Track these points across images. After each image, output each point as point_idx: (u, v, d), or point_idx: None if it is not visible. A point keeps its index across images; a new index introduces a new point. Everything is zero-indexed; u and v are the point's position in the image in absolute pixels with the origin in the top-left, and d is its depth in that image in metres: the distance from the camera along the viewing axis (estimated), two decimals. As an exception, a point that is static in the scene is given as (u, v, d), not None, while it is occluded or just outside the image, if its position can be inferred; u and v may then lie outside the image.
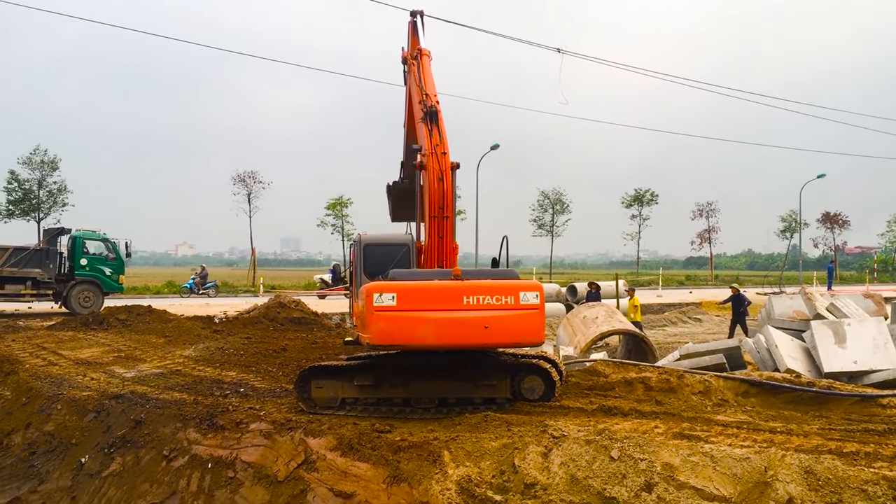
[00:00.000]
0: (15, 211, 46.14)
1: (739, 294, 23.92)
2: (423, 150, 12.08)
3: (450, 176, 11.99)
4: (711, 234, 76.65)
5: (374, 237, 12.05)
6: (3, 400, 12.84)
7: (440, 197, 11.73)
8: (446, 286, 9.54)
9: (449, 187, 12.01)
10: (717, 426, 8.84)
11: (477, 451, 8.08)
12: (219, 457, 9.36)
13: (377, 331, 9.28)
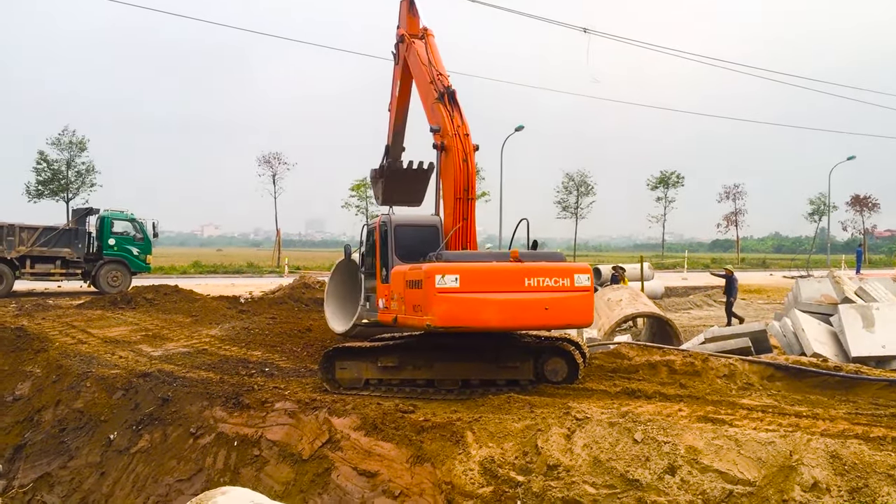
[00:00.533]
0: (44, 191, 46.74)
1: (732, 276, 23.62)
2: (441, 132, 12.04)
3: (473, 158, 12.01)
4: (738, 216, 75.96)
5: (404, 218, 11.84)
6: (34, 377, 13.07)
7: (465, 179, 11.74)
8: (509, 268, 9.65)
9: (473, 169, 12.02)
10: (741, 410, 8.78)
11: (500, 432, 8.11)
12: (244, 435, 9.48)
13: (441, 312, 9.32)
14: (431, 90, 12.73)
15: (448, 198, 11.85)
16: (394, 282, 10.75)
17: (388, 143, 15.77)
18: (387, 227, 11.61)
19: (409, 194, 16.36)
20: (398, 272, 10.73)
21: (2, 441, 11.95)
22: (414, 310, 9.83)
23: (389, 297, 10.94)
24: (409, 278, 10.12)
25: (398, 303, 10.55)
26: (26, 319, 17.58)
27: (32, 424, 11.91)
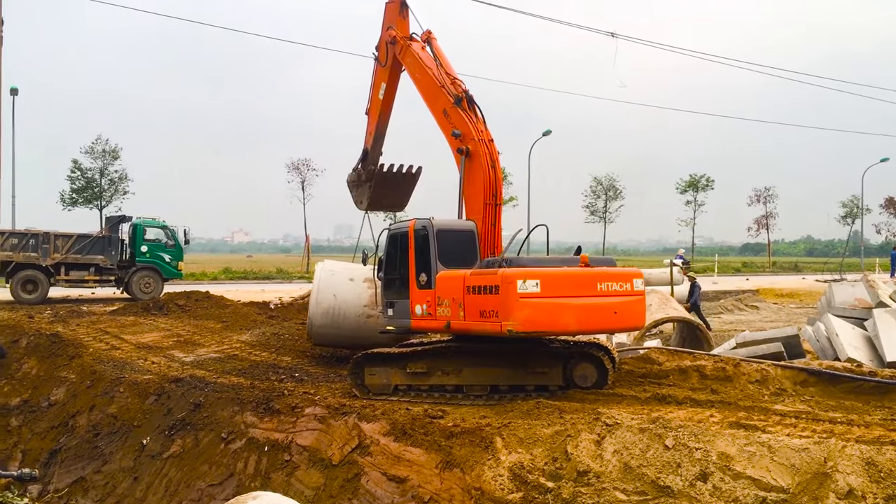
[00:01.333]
0: (78, 199, 47.36)
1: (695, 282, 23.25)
2: (464, 136, 12.01)
3: (499, 163, 12.04)
4: (769, 220, 74.89)
5: (444, 223, 11.41)
6: (69, 383, 13.26)
7: (493, 184, 11.78)
8: (584, 273, 9.88)
9: (500, 174, 12.05)
10: (774, 416, 8.67)
11: (529, 437, 8.09)
12: (275, 440, 9.55)
13: (523, 318, 9.36)
14: (442, 94, 12.62)
15: (476, 203, 11.83)
16: (443, 287, 10.57)
17: (368, 146, 15.39)
18: (426, 231, 11.12)
19: (395, 199, 16.11)
20: (452, 277, 10.57)
21: (38, 446, 12.14)
22: (482, 315, 9.77)
23: (434, 302, 10.70)
24: (474, 283, 9.96)
25: (451, 308, 10.37)
26: (61, 326, 17.85)
27: (67, 429, 12.08)
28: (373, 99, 15.17)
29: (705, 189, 70.22)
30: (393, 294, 11.65)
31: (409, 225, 11.42)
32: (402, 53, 14.03)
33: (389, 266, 11.79)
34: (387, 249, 11.89)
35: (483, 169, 11.77)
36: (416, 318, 11.05)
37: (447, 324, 10.47)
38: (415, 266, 11.14)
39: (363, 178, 15.50)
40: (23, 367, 14.33)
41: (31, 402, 13.20)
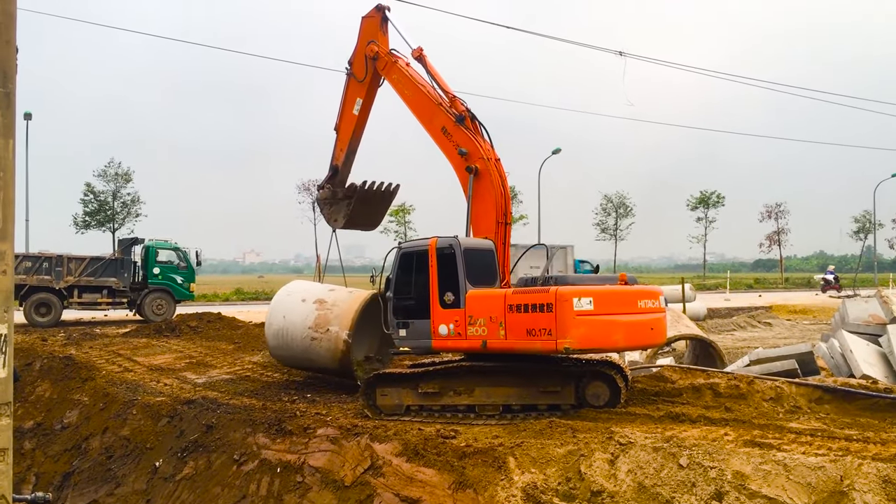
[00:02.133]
0: (91, 222, 47.75)
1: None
2: (471, 155, 12.02)
3: (507, 182, 12.10)
4: (781, 235, 74.65)
5: (470, 242, 11.36)
6: (82, 405, 13.30)
7: (504, 203, 11.82)
8: (630, 291, 10.21)
9: (508, 193, 12.09)
10: (789, 434, 8.60)
11: (542, 457, 8.04)
12: (287, 461, 9.53)
13: (579, 335, 9.59)
14: (439, 112, 12.54)
15: (486, 221, 11.84)
16: (475, 306, 10.49)
17: (338, 163, 14.94)
18: (453, 250, 10.99)
19: (372, 217, 15.69)
20: (488, 296, 10.57)
21: (51, 468, 12.16)
22: (530, 334, 9.83)
23: (464, 322, 10.59)
24: (519, 302, 9.99)
25: (487, 327, 10.32)
26: (74, 348, 17.93)
27: (80, 452, 12.11)
28: (345, 115, 14.77)
29: (716, 205, 70.17)
30: (406, 314, 11.41)
31: (429, 243, 11.21)
32: (386, 70, 13.76)
33: (401, 285, 11.55)
34: (398, 268, 11.59)
35: (494, 187, 11.81)
36: (439, 339, 10.87)
37: (483, 343, 10.38)
38: (438, 285, 10.98)
39: (339, 195, 14.97)
40: (36, 390, 14.38)
41: (45, 425, 13.24)
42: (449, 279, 10.88)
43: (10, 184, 4.31)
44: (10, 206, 4.31)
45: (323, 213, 15.45)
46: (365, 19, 14.32)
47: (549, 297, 9.68)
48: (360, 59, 14.30)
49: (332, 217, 15.16)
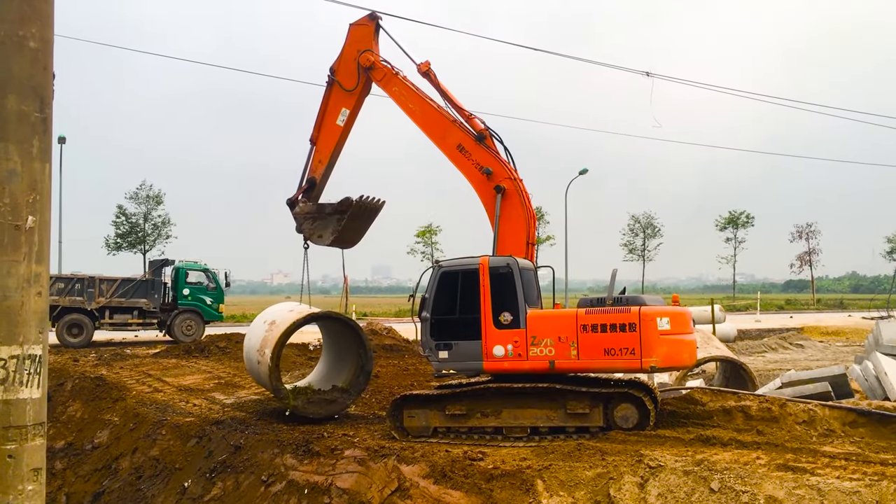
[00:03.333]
0: (122, 243, 48.46)
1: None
2: (496, 174, 12.01)
3: (530, 202, 12.12)
4: (812, 256, 73.74)
5: (523, 263, 11.28)
6: (112, 425, 13.41)
7: (530, 223, 11.86)
8: (687, 312, 10.80)
9: (533, 213, 12.10)
10: (823, 458, 8.44)
11: (571, 480, 7.98)
12: (314, 483, 9.53)
13: (664, 354, 10.10)
14: (453, 129, 12.44)
15: (515, 242, 11.82)
16: (539, 326, 10.49)
17: (315, 175, 13.91)
18: (510, 269, 10.91)
19: (357, 234, 14.59)
20: (555, 316, 10.73)
21: (81, 488, 12.25)
22: (608, 353, 10.10)
23: (525, 343, 10.53)
24: (595, 321, 10.18)
25: (555, 347, 10.34)
26: (105, 369, 18.12)
27: (110, 472, 12.19)
28: (326, 125, 13.87)
29: (745, 226, 69.56)
30: (448, 335, 11.11)
31: (480, 262, 11.04)
32: (385, 81, 13.26)
33: (442, 305, 11.24)
34: (439, 287, 11.25)
35: (524, 207, 11.83)
36: (493, 360, 10.67)
37: (551, 363, 10.39)
38: (492, 305, 10.83)
39: (327, 210, 13.88)
40: (67, 410, 14.54)
41: (76, 445, 13.36)
42: (505, 299, 10.77)
43: (47, 207, 4.40)
44: (47, 228, 4.40)
45: (302, 228, 14.05)
46: (355, 27, 13.73)
47: (631, 317, 10.01)
48: (348, 68, 13.58)
49: (316, 233, 14.01)
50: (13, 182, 4.27)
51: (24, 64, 4.32)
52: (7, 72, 4.29)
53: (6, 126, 4.27)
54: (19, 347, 4.23)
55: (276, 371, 12.19)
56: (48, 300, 4.51)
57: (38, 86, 4.37)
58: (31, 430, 4.28)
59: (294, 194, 13.97)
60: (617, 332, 10.04)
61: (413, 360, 20.43)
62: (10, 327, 4.23)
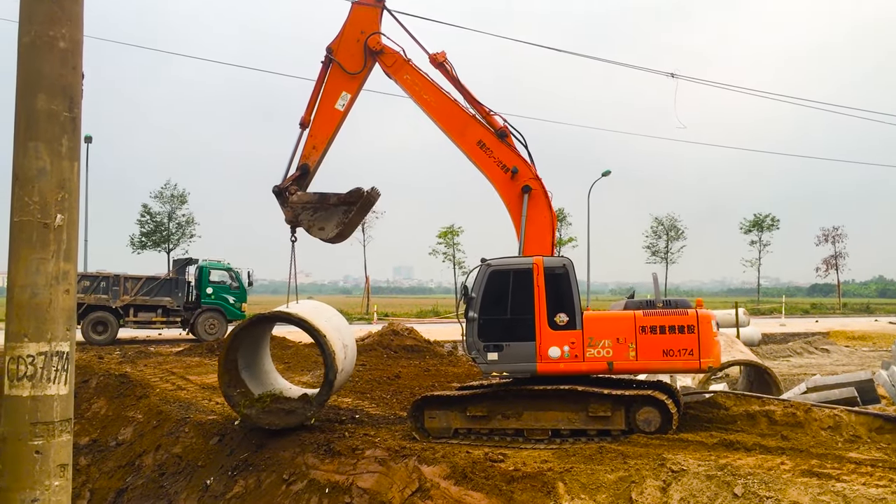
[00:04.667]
0: (147, 242, 48.88)
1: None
2: (521, 173, 11.92)
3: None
4: (838, 259, 72.88)
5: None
6: (136, 423, 13.53)
7: (553, 224, 11.82)
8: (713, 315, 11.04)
9: (555, 215, 12.05)
10: (849, 464, 8.35)
11: (592, 483, 7.94)
12: (335, 482, 9.56)
13: (717, 354, 10.76)
14: (473, 123, 12.12)
15: (543, 244, 11.77)
16: (596, 328, 10.54)
17: (308, 162, 12.74)
18: (566, 270, 10.87)
19: (353, 227, 13.34)
20: (613, 317, 10.79)
21: (105, 485, 12.37)
22: (667, 354, 10.37)
23: (582, 344, 10.54)
24: (653, 323, 10.43)
25: (613, 349, 10.45)
26: (129, 366, 18.28)
27: (134, 469, 12.30)
28: (323, 109, 12.79)
29: (770, 229, 68.91)
30: (498, 336, 10.89)
31: (534, 262, 10.93)
32: (396, 68, 12.52)
33: (491, 305, 11.00)
34: (487, 287, 10.98)
35: (548, 208, 11.78)
36: (548, 361, 10.57)
37: (609, 364, 10.50)
38: (547, 306, 10.74)
39: (332, 200, 12.69)
40: (92, 407, 14.68)
41: (100, 442, 13.49)
42: (560, 300, 10.74)
43: (75, 205, 4.45)
44: (74, 227, 4.45)
45: (300, 219, 12.74)
46: (358, 6, 12.90)
47: (689, 319, 10.43)
48: (349, 49, 12.66)
49: (317, 225, 12.76)
50: (42, 180, 4.32)
51: (54, 64, 4.38)
52: (37, 72, 4.34)
53: (36, 125, 4.33)
54: (47, 344, 4.29)
55: (224, 376, 11.34)
56: (75, 298, 4.56)
57: (67, 86, 4.42)
58: (58, 427, 4.33)
59: (282, 182, 12.69)
60: (676, 334, 10.36)
61: (434, 360, 20.44)
62: (39, 324, 4.28)
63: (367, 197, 12.65)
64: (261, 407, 11.33)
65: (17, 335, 4.28)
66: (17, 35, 4.39)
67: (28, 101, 4.34)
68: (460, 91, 12.41)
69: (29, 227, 4.29)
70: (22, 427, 4.23)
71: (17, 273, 4.30)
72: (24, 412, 4.24)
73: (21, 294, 4.28)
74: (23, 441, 4.23)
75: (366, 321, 47.77)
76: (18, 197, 4.32)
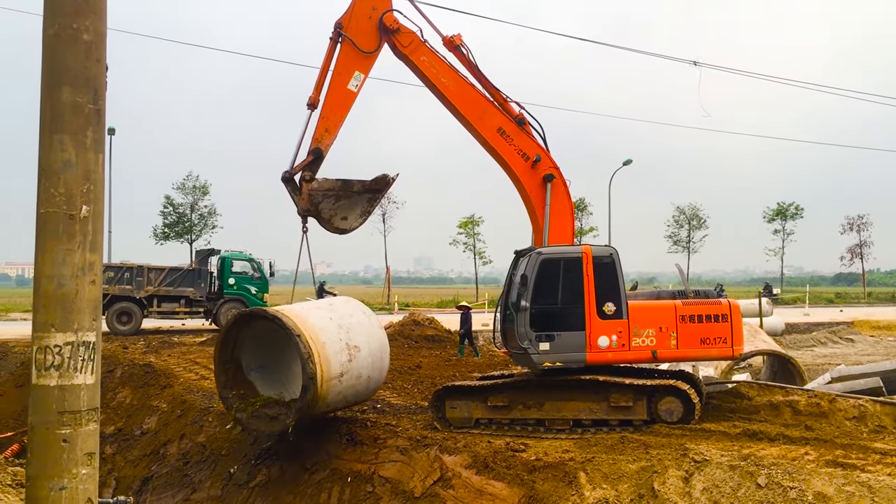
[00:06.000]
0: (170, 233, 49.20)
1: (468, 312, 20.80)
2: (543, 162, 11.83)
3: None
4: (863, 248, 71.94)
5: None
6: (160, 412, 13.68)
7: (573, 214, 11.83)
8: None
9: (573, 203, 12.04)
10: (874, 454, 8.27)
11: (614, 473, 7.92)
12: (357, 471, 9.62)
13: (742, 342, 11.12)
14: (492, 109, 11.83)
15: (565, 233, 11.76)
16: (640, 317, 10.60)
17: (321, 146, 11.74)
18: (613, 259, 10.76)
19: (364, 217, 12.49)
20: (654, 307, 10.85)
21: (130, 473, 12.53)
22: (703, 342, 10.65)
23: (627, 333, 10.51)
24: (692, 312, 10.68)
25: (656, 338, 10.57)
26: (153, 356, 18.46)
27: (158, 457, 12.44)
28: (336, 89, 11.82)
29: (794, 217, 68.17)
30: (550, 326, 10.66)
31: (582, 250, 10.78)
32: (412, 48, 11.85)
33: (542, 295, 10.72)
34: (539, 276, 10.66)
35: (568, 197, 11.74)
36: (597, 351, 10.47)
37: (653, 353, 10.62)
38: (596, 295, 10.62)
39: (356, 187, 12.06)
40: (117, 397, 14.86)
41: (125, 431, 13.66)
42: (608, 289, 10.67)
43: (100, 197, 4.48)
44: (100, 218, 4.48)
45: (320, 207, 11.94)
46: None
47: (723, 309, 10.78)
48: (360, 26, 11.84)
49: (340, 215, 12.06)
50: (68, 172, 4.36)
51: (79, 56, 4.40)
52: (62, 64, 4.37)
53: (61, 117, 4.36)
54: (74, 334, 4.33)
55: (220, 376, 10.70)
56: (101, 288, 4.60)
57: (91, 77, 4.45)
58: (84, 416, 4.38)
59: (291, 168, 11.85)
60: (712, 323, 10.62)
61: (455, 350, 20.46)
62: (65, 314, 4.33)
63: (389, 182, 12.20)
64: (251, 411, 10.46)
65: (44, 325, 4.33)
66: (42, 28, 4.43)
67: (53, 94, 4.38)
68: (476, 76, 12.01)
69: (55, 219, 4.33)
70: (49, 416, 4.29)
71: (44, 264, 4.35)
72: (52, 401, 4.29)
73: (48, 285, 4.33)
74: (50, 430, 4.28)
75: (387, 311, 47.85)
76: (45, 189, 4.36)
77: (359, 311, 11.31)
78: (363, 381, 10.61)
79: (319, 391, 9.68)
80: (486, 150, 12.15)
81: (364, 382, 10.67)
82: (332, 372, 9.87)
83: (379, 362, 10.94)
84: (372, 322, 11.21)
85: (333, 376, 9.90)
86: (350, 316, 10.99)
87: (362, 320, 11.03)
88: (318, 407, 10.01)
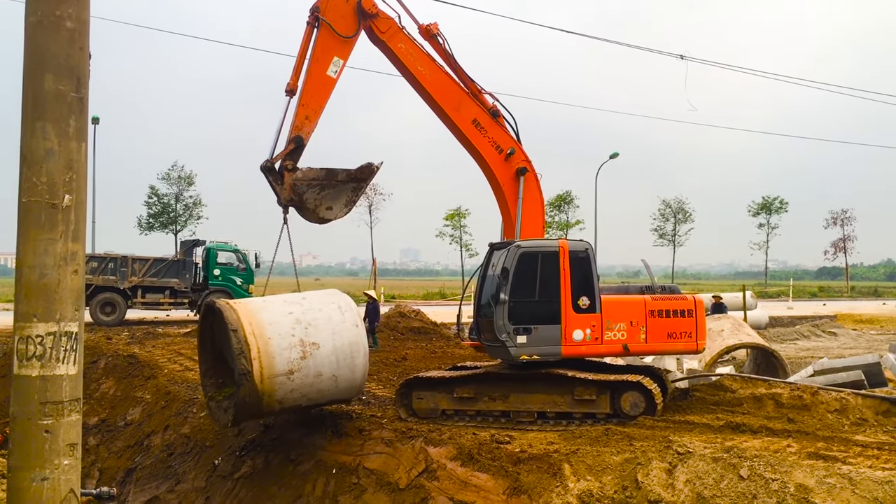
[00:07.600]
0: (154, 224, 48.90)
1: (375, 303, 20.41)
2: (517, 154, 11.82)
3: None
4: (847, 243, 72.49)
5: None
6: (144, 403, 13.62)
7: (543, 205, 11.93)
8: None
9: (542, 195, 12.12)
10: (855, 447, 8.35)
11: (598, 465, 7.96)
12: (343, 462, 9.61)
13: (705, 337, 11.27)
14: (468, 101, 11.75)
15: (536, 227, 11.82)
16: (612, 311, 10.67)
17: (301, 134, 11.48)
18: (588, 253, 10.80)
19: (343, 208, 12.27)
20: (626, 301, 10.92)
21: (114, 464, 12.48)
22: (670, 336, 10.78)
23: (600, 327, 10.58)
24: (659, 307, 10.77)
25: (627, 332, 10.66)
26: (137, 347, 18.37)
27: (143, 449, 12.39)
28: (315, 76, 11.53)
29: (779, 212, 68.56)
30: (527, 319, 10.66)
31: (559, 244, 10.81)
32: (390, 34, 11.64)
33: (521, 288, 10.71)
34: (517, 269, 10.65)
35: (539, 190, 11.76)
36: (571, 344, 10.54)
37: (625, 347, 10.74)
38: (572, 289, 10.66)
39: (340, 176, 11.86)
40: (101, 388, 14.78)
41: (109, 422, 13.59)
42: (583, 283, 10.73)
43: (83, 186, 4.44)
44: (82, 207, 4.45)
45: (304, 197, 11.71)
46: None
47: (689, 304, 10.92)
48: (337, 10, 11.54)
49: (324, 204, 11.86)
50: (50, 161, 4.32)
51: (61, 44, 4.36)
52: (44, 52, 4.33)
53: (43, 105, 4.32)
54: (56, 324, 4.30)
55: (202, 365, 10.70)
56: (84, 278, 4.57)
57: (74, 66, 4.41)
58: (67, 406, 4.35)
59: (273, 157, 11.56)
60: (679, 318, 10.75)
61: (441, 342, 20.49)
62: (48, 304, 4.29)
63: (374, 171, 12.03)
64: (218, 400, 10.28)
65: (26, 315, 4.30)
66: (24, 14, 4.38)
67: (35, 81, 4.33)
68: (451, 66, 11.89)
69: (37, 208, 4.29)
70: (31, 407, 4.26)
71: (26, 254, 4.31)
72: (34, 392, 4.26)
73: (30, 274, 4.30)
74: (32, 420, 4.26)
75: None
76: (26, 178, 4.32)
77: (332, 306, 10.53)
78: (326, 379, 9.93)
79: (261, 387, 9.31)
80: (460, 141, 12.10)
81: (329, 381, 9.98)
82: (275, 369, 9.43)
83: (348, 360, 10.10)
84: (345, 318, 10.36)
85: (279, 373, 9.46)
86: (317, 311, 10.30)
87: (332, 316, 10.29)
88: (266, 403, 9.53)
